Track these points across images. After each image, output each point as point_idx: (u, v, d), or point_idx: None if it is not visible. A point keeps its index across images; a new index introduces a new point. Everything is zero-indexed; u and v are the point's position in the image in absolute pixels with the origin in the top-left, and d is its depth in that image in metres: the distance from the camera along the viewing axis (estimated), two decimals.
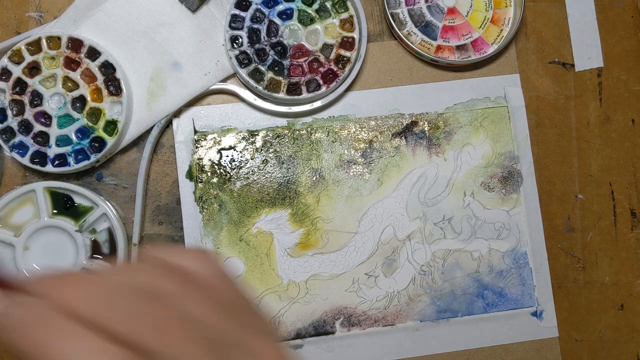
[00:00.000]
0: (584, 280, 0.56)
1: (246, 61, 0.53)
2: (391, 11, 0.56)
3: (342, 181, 0.55)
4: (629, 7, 0.58)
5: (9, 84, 0.51)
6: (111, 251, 0.52)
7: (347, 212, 0.55)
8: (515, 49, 0.57)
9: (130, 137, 0.53)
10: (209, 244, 0.53)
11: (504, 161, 0.56)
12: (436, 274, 0.55)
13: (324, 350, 0.53)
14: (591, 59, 0.58)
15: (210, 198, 0.54)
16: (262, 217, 0.54)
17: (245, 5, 0.53)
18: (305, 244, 0.54)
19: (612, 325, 0.56)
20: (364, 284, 0.54)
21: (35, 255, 0.52)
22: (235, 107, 0.55)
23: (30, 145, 0.51)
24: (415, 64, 0.56)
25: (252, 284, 0.53)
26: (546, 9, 0.58)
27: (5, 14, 0.55)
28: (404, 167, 0.55)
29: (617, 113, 0.57)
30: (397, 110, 0.56)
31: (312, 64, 0.53)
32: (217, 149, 0.54)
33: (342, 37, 0.54)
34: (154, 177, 0.54)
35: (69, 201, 0.52)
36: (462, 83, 0.56)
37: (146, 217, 0.54)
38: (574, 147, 0.57)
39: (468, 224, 0.55)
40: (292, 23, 0.54)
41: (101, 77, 0.51)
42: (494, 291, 0.55)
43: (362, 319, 0.54)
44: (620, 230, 0.57)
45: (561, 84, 0.57)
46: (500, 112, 0.56)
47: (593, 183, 0.57)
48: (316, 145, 0.55)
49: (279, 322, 0.53)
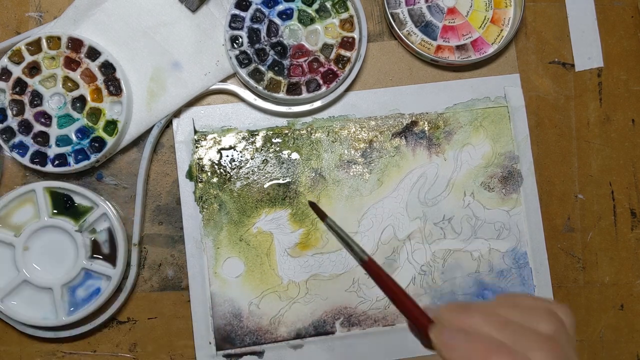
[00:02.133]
0: (584, 280, 0.56)
1: (246, 61, 0.53)
2: (391, 11, 0.56)
3: (342, 181, 0.55)
4: (629, 7, 0.58)
5: (9, 84, 0.51)
6: (111, 251, 0.52)
7: (347, 212, 0.55)
8: (515, 49, 0.57)
9: (130, 137, 0.53)
10: (209, 244, 0.53)
11: (504, 161, 0.56)
12: (436, 274, 0.55)
13: (324, 350, 0.53)
14: (591, 59, 0.58)
15: (210, 198, 0.54)
16: (262, 217, 0.54)
17: (245, 5, 0.53)
18: (305, 244, 0.54)
19: (612, 325, 0.56)
20: (364, 284, 0.54)
21: (35, 255, 0.52)
22: (235, 107, 0.55)
23: (30, 145, 0.51)
24: (415, 64, 0.56)
25: (252, 284, 0.53)
26: (546, 9, 0.58)
27: (5, 14, 0.55)
28: (404, 167, 0.55)
29: (617, 113, 0.57)
30: (397, 110, 0.56)
31: (312, 64, 0.53)
32: (217, 149, 0.55)
33: (342, 37, 0.54)
34: (154, 177, 0.54)
35: (69, 201, 0.52)
36: (462, 83, 0.56)
37: (146, 217, 0.54)
38: (574, 147, 0.57)
39: (468, 224, 0.55)
40: (292, 23, 0.54)
41: (101, 77, 0.51)
42: (494, 291, 0.55)
43: (362, 319, 0.54)
44: (620, 230, 0.57)
45: (561, 84, 0.57)
46: (500, 112, 0.56)
47: (593, 183, 0.57)
48: (316, 145, 0.55)
49: (279, 322, 0.53)
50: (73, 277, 0.51)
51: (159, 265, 0.54)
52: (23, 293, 0.51)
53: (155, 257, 0.54)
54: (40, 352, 0.53)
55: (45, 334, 0.52)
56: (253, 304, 0.53)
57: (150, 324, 0.53)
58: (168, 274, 0.54)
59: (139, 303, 0.53)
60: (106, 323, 0.53)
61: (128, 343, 0.53)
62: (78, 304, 0.52)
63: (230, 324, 0.53)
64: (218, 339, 0.53)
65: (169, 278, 0.54)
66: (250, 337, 0.53)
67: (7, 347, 0.53)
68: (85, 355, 0.53)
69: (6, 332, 0.53)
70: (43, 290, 0.51)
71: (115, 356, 0.53)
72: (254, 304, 0.53)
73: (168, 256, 0.54)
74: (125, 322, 0.53)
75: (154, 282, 0.54)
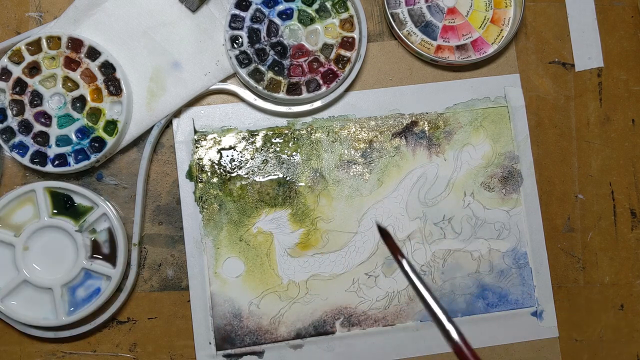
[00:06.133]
0: (584, 280, 0.56)
1: (246, 61, 0.53)
2: (391, 11, 0.56)
3: (342, 181, 0.55)
4: (629, 7, 0.58)
5: (9, 84, 0.51)
6: (111, 251, 0.52)
7: (347, 212, 0.55)
8: (515, 49, 0.57)
9: (130, 137, 0.53)
10: (209, 244, 0.53)
11: (504, 161, 0.56)
12: (436, 274, 0.55)
13: (324, 350, 0.53)
14: (591, 59, 0.58)
15: (210, 198, 0.54)
16: (262, 217, 0.54)
17: (245, 5, 0.53)
18: (305, 244, 0.54)
19: (612, 325, 0.56)
20: (364, 284, 0.54)
21: (35, 255, 0.52)
22: (235, 107, 0.55)
23: (30, 145, 0.51)
24: (415, 64, 0.56)
25: (252, 284, 0.53)
26: (546, 9, 0.58)
27: (5, 14, 0.55)
28: (404, 167, 0.55)
29: (617, 113, 0.57)
30: (397, 110, 0.56)
31: (312, 64, 0.53)
32: (217, 149, 0.55)
33: (342, 37, 0.54)
34: (154, 177, 0.54)
35: (69, 201, 0.52)
36: (462, 83, 0.56)
37: (146, 217, 0.54)
38: (574, 147, 0.57)
39: (468, 224, 0.55)
40: (292, 23, 0.54)
41: (101, 77, 0.51)
42: (494, 291, 0.55)
43: (362, 319, 0.54)
44: (620, 230, 0.57)
45: (561, 84, 0.57)
46: (500, 112, 0.56)
47: (593, 183, 0.57)
48: (316, 145, 0.55)
49: (279, 322, 0.53)
50: (73, 277, 0.51)
51: (159, 265, 0.54)
52: (23, 293, 0.51)
53: (155, 257, 0.54)
54: (40, 352, 0.53)
55: (45, 334, 0.52)
56: (253, 304, 0.53)
57: (150, 324, 0.53)
58: (168, 274, 0.54)
59: (139, 303, 0.53)
60: (106, 323, 0.53)
61: (128, 343, 0.53)
62: (78, 304, 0.52)
63: (230, 324, 0.53)
64: (218, 339, 0.53)
65: (169, 278, 0.54)
66: (250, 337, 0.53)
67: (7, 347, 0.53)
68: (85, 355, 0.53)
69: (6, 332, 0.53)
70: (43, 290, 0.51)
71: (115, 356, 0.53)
72: (254, 304, 0.53)
73: (168, 256, 0.54)
74: (125, 322, 0.53)
75: (154, 282, 0.54)
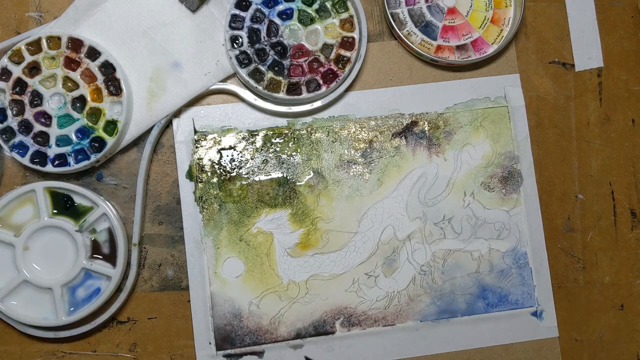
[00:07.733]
0: (584, 280, 0.56)
1: (246, 61, 0.53)
2: (391, 11, 0.56)
3: (342, 181, 0.55)
4: (629, 7, 0.58)
5: (9, 84, 0.51)
6: (111, 251, 0.52)
7: (347, 212, 0.55)
8: (515, 49, 0.57)
9: (130, 137, 0.53)
10: (209, 244, 0.53)
11: (504, 161, 0.56)
12: (436, 274, 0.55)
13: (324, 350, 0.53)
14: (591, 59, 0.58)
15: (210, 198, 0.54)
16: (262, 217, 0.54)
17: (245, 5, 0.53)
18: (305, 244, 0.54)
19: (612, 325, 0.56)
20: (364, 284, 0.54)
21: (35, 255, 0.52)
22: (235, 107, 0.55)
23: (30, 145, 0.51)
24: (415, 64, 0.56)
25: (252, 284, 0.53)
26: (546, 9, 0.58)
27: (5, 14, 0.55)
28: (404, 167, 0.55)
29: (617, 113, 0.57)
30: (397, 110, 0.56)
31: (312, 64, 0.53)
32: (217, 149, 0.55)
33: (342, 37, 0.54)
34: (154, 177, 0.54)
35: (69, 201, 0.52)
36: (462, 83, 0.56)
37: (146, 217, 0.54)
38: (574, 147, 0.57)
39: (468, 224, 0.55)
40: (292, 23, 0.54)
41: (101, 77, 0.51)
42: (494, 291, 0.55)
43: (362, 319, 0.54)
44: (620, 230, 0.57)
45: (561, 84, 0.57)
46: (500, 112, 0.56)
47: (593, 183, 0.57)
48: (316, 145, 0.55)
49: (279, 322, 0.53)
50: (73, 277, 0.51)
51: (159, 265, 0.54)
52: (23, 293, 0.52)
53: (155, 257, 0.54)
54: (40, 352, 0.53)
55: (45, 334, 0.52)
56: (253, 304, 0.53)
57: (150, 324, 0.53)
58: (168, 274, 0.54)
59: (139, 303, 0.53)
60: (106, 323, 0.53)
61: (128, 343, 0.53)
62: (78, 304, 0.52)
63: (230, 324, 0.53)
64: (218, 339, 0.53)
65: (169, 278, 0.54)
66: (250, 337, 0.53)
67: (7, 347, 0.53)
68: (85, 355, 0.53)
69: (6, 332, 0.53)
70: (43, 290, 0.51)
71: (115, 356, 0.53)
72: (254, 304, 0.53)
73: (168, 256, 0.54)
74: (125, 322, 0.53)
75: (154, 282, 0.54)
